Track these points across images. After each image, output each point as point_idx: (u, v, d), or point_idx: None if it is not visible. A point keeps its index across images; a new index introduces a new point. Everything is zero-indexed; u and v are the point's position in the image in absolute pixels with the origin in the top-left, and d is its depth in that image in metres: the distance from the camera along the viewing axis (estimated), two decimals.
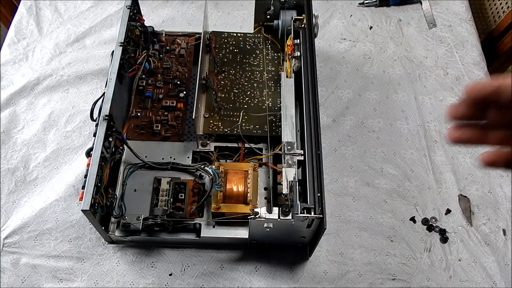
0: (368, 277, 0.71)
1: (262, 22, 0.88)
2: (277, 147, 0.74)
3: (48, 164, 0.79)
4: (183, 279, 0.70)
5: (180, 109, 0.79)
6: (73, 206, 0.75)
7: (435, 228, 0.76)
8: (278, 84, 0.81)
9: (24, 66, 0.91)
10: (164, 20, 0.99)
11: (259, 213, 0.62)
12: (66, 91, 0.88)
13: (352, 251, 0.73)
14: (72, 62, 0.91)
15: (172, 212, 0.67)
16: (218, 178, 0.68)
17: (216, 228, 0.69)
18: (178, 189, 0.70)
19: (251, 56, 0.85)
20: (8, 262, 0.70)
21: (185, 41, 0.87)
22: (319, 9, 1.01)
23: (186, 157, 0.75)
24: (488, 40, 1.09)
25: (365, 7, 1.03)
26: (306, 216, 0.60)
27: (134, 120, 0.78)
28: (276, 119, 0.77)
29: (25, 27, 0.96)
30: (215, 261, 0.71)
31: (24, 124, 0.84)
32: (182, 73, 0.84)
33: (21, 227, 0.73)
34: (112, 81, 0.70)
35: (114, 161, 0.70)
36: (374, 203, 0.78)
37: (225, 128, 0.76)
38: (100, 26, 0.97)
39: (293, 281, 0.70)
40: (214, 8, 1.01)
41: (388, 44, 0.97)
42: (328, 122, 0.86)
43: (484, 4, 1.14)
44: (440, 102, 0.90)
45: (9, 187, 0.77)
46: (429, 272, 0.72)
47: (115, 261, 0.71)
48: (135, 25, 0.80)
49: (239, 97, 0.80)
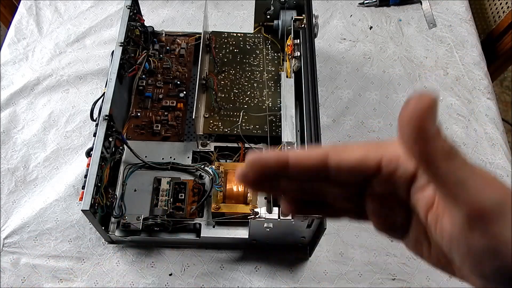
0: (368, 277, 0.71)
1: (262, 22, 0.88)
2: (277, 147, 0.74)
3: (48, 164, 0.79)
4: (183, 279, 0.70)
5: (180, 109, 0.79)
6: (73, 206, 0.75)
7: None
8: (278, 84, 0.82)
9: (24, 66, 0.91)
10: (164, 20, 0.99)
11: (259, 213, 0.62)
12: (66, 91, 0.88)
13: (352, 251, 0.73)
14: (72, 62, 0.91)
15: (172, 212, 0.67)
16: (218, 178, 0.68)
17: (216, 228, 0.69)
18: (178, 189, 0.70)
19: (251, 56, 0.85)
20: (8, 262, 0.70)
21: (185, 41, 0.87)
22: (319, 9, 1.01)
23: (186, 157, 0.75)
24: (488, 40, 1.09)
25: (365, 7, 1.03)
26: (306, 216, 0.60)
27: (134, 120, 0.78)
28: (276, 119, 0.77)
29: (25, 27, 0.96)
30: (215, 261, 0.71)
31: (24, 124, 0.84)
32: (182, 73, 0.84)
33: (21, 227, 0.73)
34: (112, 81, 0.70)
35: (114, 161, 0.70)
36: None
37: (225, 128, 0.76)
38: (100, 26, 0.97)
39: (293, 281, 0.70)
40: (214, 8, 1.01)
41: (388, 44, 0.97)
42: (328, 122, 0.86)
43: (484, 4, 1.14)
44: (440, 102, 0.90)
45: (9, 187, 0.77)
46: (429, 272, 0.72)
47: (115, 261, 0.71)
48: (135, 25, 0.80)
49: (239, 97, 0.80)
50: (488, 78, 0.94)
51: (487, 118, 0.88)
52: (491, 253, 0.19)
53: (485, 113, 0.88)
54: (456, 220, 0.20)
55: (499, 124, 0.87)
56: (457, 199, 0.19)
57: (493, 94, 0.92)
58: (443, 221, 0.21)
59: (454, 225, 0.20)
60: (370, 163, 0.22)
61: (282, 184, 0.24)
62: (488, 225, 0.19)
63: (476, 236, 0.19)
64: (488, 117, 0.88)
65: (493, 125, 0.87)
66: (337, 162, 0.23)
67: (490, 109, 0.89)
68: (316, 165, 0.23)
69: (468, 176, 0.19)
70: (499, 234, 0.19)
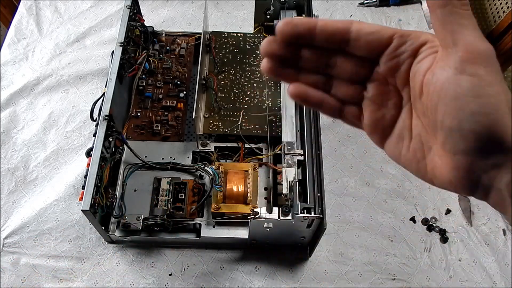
0: (368, 277, 0.71)
1: (262, 22, 0.88)
2: (277, 147, 0.74)
3: (48, 164, 0.79)
4: (183, 279, 0.70)
5: (180, 109, 0.79)
6: (73, 206, 0.75)
7: (435, 228, 0.76)
8: (278, 84, 0.81)
9: (24, 66, 0.91)
10: (164, 20, 0.99)
11: (259, 213, 0.62)
12: (66, 91, 0.88)
13: (352, 251, 0.73)
14: (72, 62, 0.91)
15: (172, 212, 0.67)
16: (218, 178, 0.68)
17: (216, 228, 0.69)
18: (178, 189, 0.70)
19: (251, 56, 0.85)
20: (8, 262, 0.70)
21: (185, 41, 0.87)
22: (319, 9, 1.01)
23: (186, 157, 0.75)
24: (488, 40, 1.08)
25: (365, 7, 1.03)
26: (306, 216, 0.60)
27: (134, 120, 0.78)
28: (276, 119, 0.77)
29: (25, 27, 0.96)
30: (215, 261, 0.71)
31: (24, 124, 0.84)
32: (182, 73, 0.84)
33: (21, 227, 0.73)
34: (112, 81, 0.70)
35: (114, 161, 0.70)
36: (374, 203, 0.78)
37: (225, 128, 0.76)
38: (100, 26, 0.97)
39: (293, 281, 0.70)
40: (214, 8, 1.01)
41: None
42: (328, 122, 0.86)
43: (484, 4, 1.14)
44: None
45: (9, 187, 0.77)
46: (429, 272, 0.72)
47: (115, 261, 0.71)
48: (135, 25, 0.80)
49: (239, 97, 0.80)
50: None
51: None
52: (475, 94, 0.24)
53: None
54: (451, 63, 0.24)
55: None
56: (457, 44, 0.24)
57: None
58: (438, 71, 0.25)
59: (449, 71, 0.24)
60: (385, 34, 0.27)
61: (303, 54, 0.28)
62: (477, 67, 0.24)
63: (465, 77, 0.24)
64: None
65: None
66: (358, 29, 0.27)
67: None
68: (340, 31, 0.27)
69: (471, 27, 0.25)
70: (484, 75, 0.24)
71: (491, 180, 0.25)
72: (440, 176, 0.27)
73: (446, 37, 0.25)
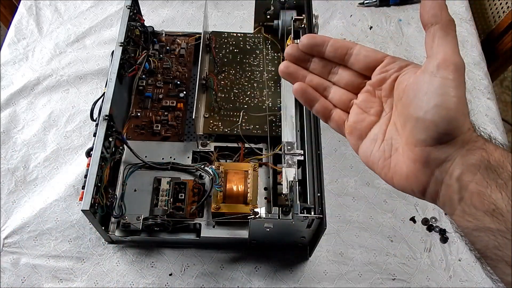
0: (368, 277, 0.71)
1: (262, 22, 0.88)
2: (277, 147, 0.74)
3: (48, 164, 0.79)
4: (183, 279, 0.70)
5: (180, 109, 0.79)
6: (73, 206, 0.75)
7: (435, 228, 0.76)
8: (278, 84, 0.82)
9: (24, 66, 0.91)
10: (164, 20, 0.99)
11: (259, 213, 0.62)
12: (66, 91, 0.88)
13: (352, 251, 0.73)
14: (72, 62, 0.91)
15: (172, 212, 0.67)
16: (218, 178, 0.68)
17: (216, 228, 0.69)
18: (178, 189, 0.70)
19: (251, 56, 0.85)
20: (8, 262, 0.70)
21: (185, 41, 0.87)
22: (319, 9, 1.01)
23: (186, 157, 0.75)
24: (488, 40, 1.09)
25: (365, 7, 1.03)
26: (306, 216, 0.60)
27: (134, 120, 0.78)
28: (276, 119, 0.77)
29: (25, 27, 0.96)
30: (215, 261, 0.71)
31: (24, 124, 0.84)
32: (182, 73, 0.84)
33: (21, 227, 0.73)
34: (112, 81, 0.70)
35: (114, 161, 0.70)
36: (374, 203, 0.78)
37: (225, 128, 0.76)
38: (100, 26, 0.97)
39: (293, 281, 0.70)
40: (214, 8, 1.01)
41: (388, 44, 0.97)
42: None
43: (484, 4, 1.14)
44: None
45: (9, 187, 0.77)
46: (429, 272, 0.72)
47: (115, 261, 0.71)
48: (135, 25, 0.80)
49: (239, 97, 0.80)
50: (488, 78, 0.94)
51: (487, 118, 0.88)
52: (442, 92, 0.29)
53: (485, 113, 0.88)
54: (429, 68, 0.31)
55: (499, 124, 0.87)
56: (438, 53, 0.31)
57: (493, 94, 0.92)
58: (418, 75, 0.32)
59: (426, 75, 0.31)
60: (379, 54, 0.35)
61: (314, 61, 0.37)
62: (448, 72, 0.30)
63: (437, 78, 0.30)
64: (488, 117, 0.88)
65: (493, 125, 0.87)
66: (360, 47, 0.36)
67: (490, 109, 0.89)
68: (346, 47, 0.36)
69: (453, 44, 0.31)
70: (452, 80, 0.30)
71: (442, 174, 0.30)
72: (400, 170, 0.32)
73: (432, 47, 0.31)
